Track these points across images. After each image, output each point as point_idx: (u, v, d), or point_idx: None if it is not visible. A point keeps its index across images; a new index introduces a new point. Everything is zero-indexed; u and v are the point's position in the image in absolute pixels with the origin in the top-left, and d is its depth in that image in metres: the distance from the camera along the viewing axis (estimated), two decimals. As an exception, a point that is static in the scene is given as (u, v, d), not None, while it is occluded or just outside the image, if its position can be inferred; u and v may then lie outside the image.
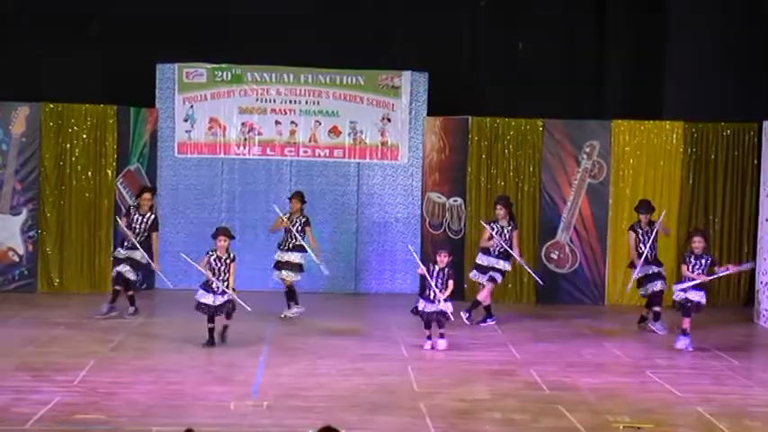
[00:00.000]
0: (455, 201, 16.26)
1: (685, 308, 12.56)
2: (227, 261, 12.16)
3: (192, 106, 16.43)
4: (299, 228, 14.00)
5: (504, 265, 14.06)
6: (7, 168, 15.57)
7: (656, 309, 13.78)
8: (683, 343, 12.55)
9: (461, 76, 17.35)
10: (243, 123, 16.50)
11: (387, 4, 16.97)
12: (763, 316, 14.59)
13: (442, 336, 12.30)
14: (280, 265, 14.10)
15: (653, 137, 16.07)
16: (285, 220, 13.94)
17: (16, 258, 15.63)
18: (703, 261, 12.58)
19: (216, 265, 12.11)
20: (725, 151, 16.11)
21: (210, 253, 12.18)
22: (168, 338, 12.38)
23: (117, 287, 13.83)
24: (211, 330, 12.17)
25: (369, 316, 14.73)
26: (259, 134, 16.51)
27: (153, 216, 13.90)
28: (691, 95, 16.29)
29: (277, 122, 16.52)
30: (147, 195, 13.96)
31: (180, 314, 13.53)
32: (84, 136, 15.81)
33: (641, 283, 13.88)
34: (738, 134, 16.10)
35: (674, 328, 13.10)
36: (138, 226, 13.76)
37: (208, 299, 12.12)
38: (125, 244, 13.84)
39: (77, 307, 14.16)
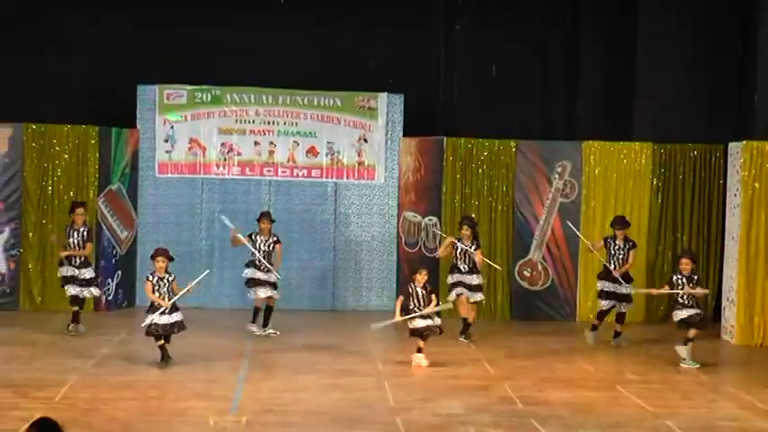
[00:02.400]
0: (430, 220, 16.31)
1: (691, 324, 12.70)
2: (169, 280, 12.02)
3: (172, 127, 16.41)
4: (272, 246, 14.00)
5: (479, 279, 14.11)
6: (-10, 187, 15.52)
7: (596, 322, 13.99)
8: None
9: (436, 98, 17.43)
10: (222, 144, 16.50)
11: (364, 27, 17.03)
12: (729, 332, 14.69)
13: (419, 350, 12.31)
14: (262, 284, 14.01)
15: (623, 157, 16.18)
16: (241, 237, 13.91)
17: (-2, 277, 15.57)
18: (694, 280, 12.77)
19: (159, 287, 11.95)
20: (692, 172, 16.23)
21: (150, 277, 12.04)
22: (148, 355, 12.33)
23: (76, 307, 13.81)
24: (163, 348, 11.93)
25: (346, 332, 14.73)
26: (238, 154, 16.52)
27: (86, 229, 13.92)
28: (659, 118, 16.42)
29: (256, 143, 16.53)
30: (79, 210, 13.94)
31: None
32: (66, 156, 15.77)
33: (608, 296, 13.95)
34: (705, 155, 16.24)
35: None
36: (74, 241, 13.76)
37: (162, 320, 11.88)
38: (72, 262, 13.78)
39: (59, 324, 14.07)
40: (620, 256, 13.84)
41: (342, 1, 16.91)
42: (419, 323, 12.31)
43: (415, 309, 12.31)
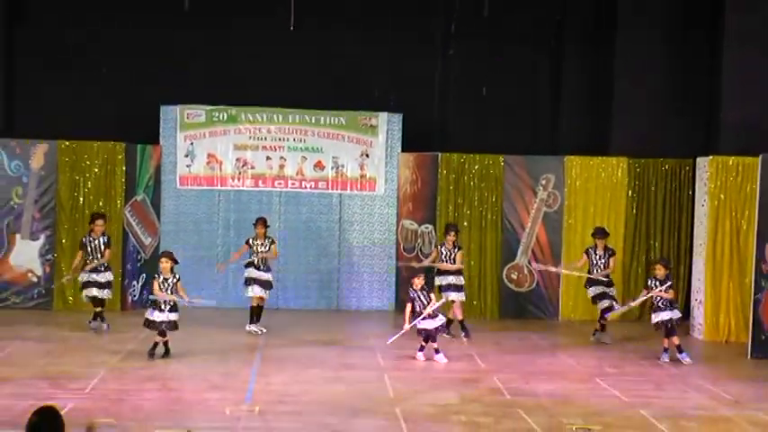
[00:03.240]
0: (426, 227, 16.31)
1: (667, 329, 12.64)
2: (173, 281, 12.04)
3: (191, 143, 16.44)
4: (267, 248, 14.00)
5: (461, 279, 14.12)
6: (27, 199, 15.53)
7: (603, 322, 13.90)
8: (666, 358, 12.62)
9: (432, 117, 17.45)
10: (237, 159, 16.50)
11: (366, 53, 17.05)
12: (697, 329, 14.69)
13: (422, 348, 12.35)
14: (259, 283, 14.00)
15: (601, 171, 16.19)
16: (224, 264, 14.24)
17: (35, 279, 15.56)
18: (666, 284, 12.68)
19: (163, 286, 11.99)
20: (664, 184, 16.24)
21: (156, 276, 12.13)
22: (170, 350, 12.31)
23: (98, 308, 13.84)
24: (165, 343, 12.01)
25: (349, 330, 14.72)
26: (252, 168, 16.52)
27: (106, 238, 13.89)
28: (634, 135, 16.44)
29: (268, 158, 16.53)
30: (99, 221, 13.93)
31: (180, 328, 13.46)
32: (96, 170, 15.78)
33: (594, 300, 13.98)
34: (675, 169, 16.25)
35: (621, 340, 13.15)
36: (93, 248, 13.74)
37: (156, 316, 11.95)
38: (85, 267, 13.76)
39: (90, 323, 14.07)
40: (602, 264, 13.85)
41: (346, 30, 16.92)
42: (428, 325, 12.31)
43: (422, 311, 12.31)
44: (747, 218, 14.22)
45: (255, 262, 13.98)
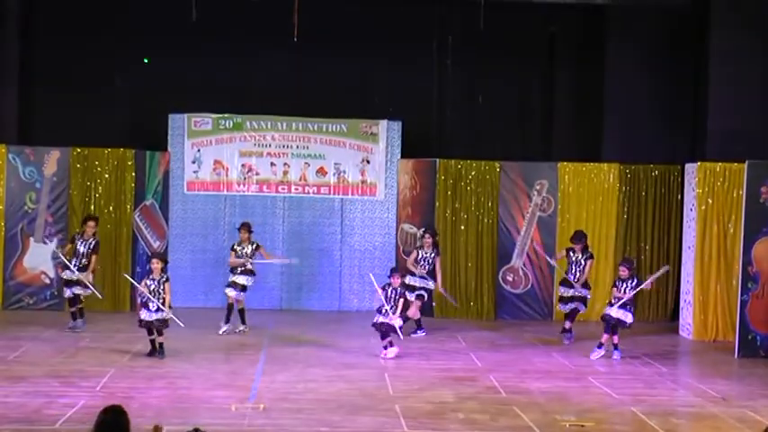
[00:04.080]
0: (425, 231, 16.28)
1: (607, 324, 12.59)
2: (162, 282, 11.97)
3: (198, 150, 16.44)
4: (252, 252, 13.96)
5: (431, 284, 14.14)
6: (40, 204, 15.52)
7: (567, 325, 13.92)
8: (597, 354, 12.57)
9: (430, 125, 17.45)
10: (243, 165, 16.50)
11: (367, 63, 17.08)
12: (686, 329, 14.69)
13: (391, 344, 12.35)
14: (234, 286, 13.88)
15: (593, 176, 16.17)
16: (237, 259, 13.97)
17: (47, 281, 15.55)
18: (629, 283, 12.58)
19: (151, 285, 11.92)
20: (653, 189, 16.22)
21: (146, 276, 12.14)
22: (177, 349, 12.32)
23: (77, 306, 13.76)
24: (153, 341, 11.97)
25: (351, 330, 14.69)
26: (257, 174, 16.52)
27: (95, 241, 13.82)
28: (625, 141, 16.45)
29: (272, 164, 16.53)
30: (91, 223, 13.88)
31: (187, 328, 13.46)
32: (107, 176, 15.77)
33: (564, 300, 13.98)
34: (665, 174, 16.23)
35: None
36: (82, 249, 13.69)
37: (144, 315, 11.92)
38: (73, 264, 13.67)
39: (100, 323, 14.07)
40: (579, 269, 13.85)
41: (347, 40, 16.92)
42: (379, 319, 12.43)
43: (384, 308, 12.36)
44: (734, 222, 14.23)
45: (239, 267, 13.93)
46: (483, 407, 9.79)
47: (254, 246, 14.04)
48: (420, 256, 14.16)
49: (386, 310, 12.33)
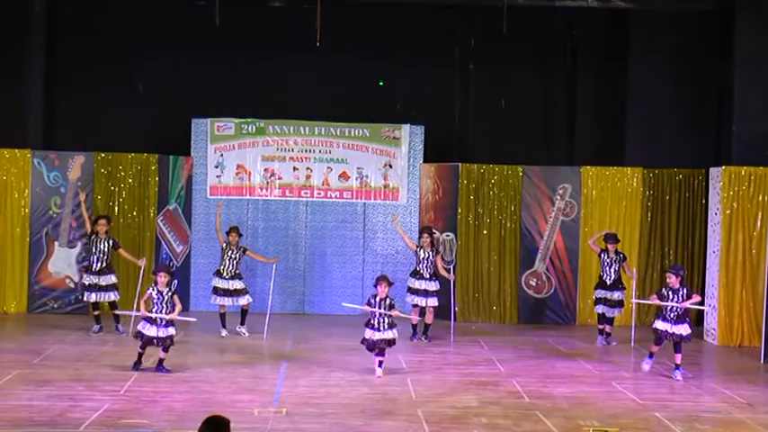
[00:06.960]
0: (447, 235, 16.28)
1: (660, 338, 11.85)
2: (168, 294, 11.47)
3: (221, 155, 16.50)
4: (239, 256, 13.94)
5: (435, 285, 14.06)
6: (65, 208, 15.63)
7: (601, 327, 13.95)
8: (647, 364, 12.10)
9: (453, 129, 17.44)
10: (265, 169, 16.55)
11: (390, 68, 17.10)
12: (711, 334, 14.58)
13: (380, 363, 11.44)
14: (222, 292, 13.89)
15: (616, 181, 16.11)
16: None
17: (72, 285, 15.64)
18: (680, 293, 11.80)
19: (157, 298, 11.40)
20: (677, 193, 16.14)
21: (152, 287, 11.47)
22: (201, 354, 12.36)
23: (97, 312, 13.87)
24: (141, 355, 11.34)
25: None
26: (279, 179, 16.56)
27: (112, 240, 13.84)
28: (648, 145, 16.38)
29: (295, 168, 16.57)
30: (102, 221, 13.86)
31: (211, 332, 13.53)
32: (130, 180, 15.87)
33: (598, 302, 13.97)
34: (689, 179, 16.15)
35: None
36: (102, 246, 13.70)
37: (150, 331, 11.29)
38: (92, 269, 13.70)
39: (124, 327, 14.12)
40: (613, 270, 13.85)
41: (371, 45, 16.98)
42: (373, 335, 11.52)
43: (373, 321, 11.52)
44: (759, 226, 14.14)
45: (221, 270, 13.94)
46: (506, 412, 9.75)
47: (242, 250, 14.04)
48: (422, 257, 14.11)
49: (374, 325, 11.44)
